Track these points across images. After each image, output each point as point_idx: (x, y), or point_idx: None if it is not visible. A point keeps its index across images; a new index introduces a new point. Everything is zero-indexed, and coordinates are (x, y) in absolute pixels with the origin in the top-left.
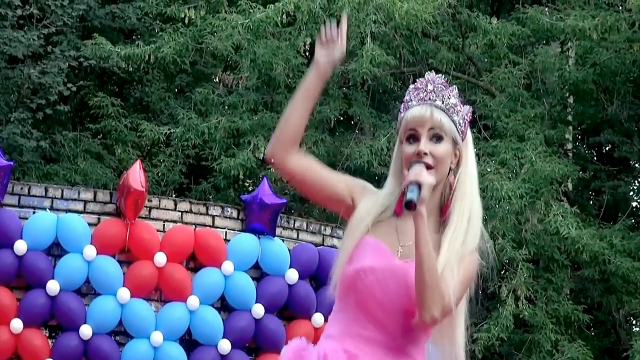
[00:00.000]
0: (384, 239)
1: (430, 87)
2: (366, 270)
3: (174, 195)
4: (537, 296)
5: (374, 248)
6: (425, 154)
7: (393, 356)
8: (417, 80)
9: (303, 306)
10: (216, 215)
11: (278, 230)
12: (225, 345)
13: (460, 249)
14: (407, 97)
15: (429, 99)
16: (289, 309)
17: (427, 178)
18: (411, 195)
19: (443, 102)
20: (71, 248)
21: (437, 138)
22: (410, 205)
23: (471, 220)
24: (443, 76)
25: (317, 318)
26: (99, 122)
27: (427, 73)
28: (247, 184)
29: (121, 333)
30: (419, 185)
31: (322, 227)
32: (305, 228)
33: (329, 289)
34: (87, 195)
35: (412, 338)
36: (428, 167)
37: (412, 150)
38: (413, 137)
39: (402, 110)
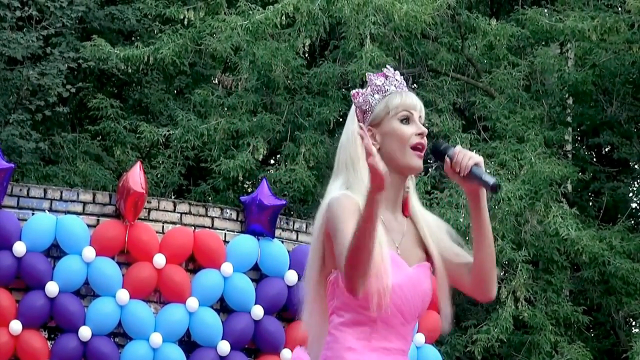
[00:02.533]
0: (389, 245)
1: (398, 78)
2: (395, 288)
3: (173, 197)
4: (537, 297)
5: (392, 262)
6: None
7: None
8: (384, 69)
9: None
10: (215, 217)
11: (277, 232)
12: (224, 347)
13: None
14: (378, 82)
15: (407, 90)
16: (289, 311)
17: (477, 156)
18: (491, 177)
19: None
20: (70, 249)
21: None
22: (499, 188)
23: None
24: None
25: None
26: (98, 124)
27: (386, 67)
28: (247, 186)
29: (120, 335)
30: (477, 165)
31: None
32: (304, 229)
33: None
34: (86, 196)
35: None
36: (423, 149)
37: (412, 131)
38: (407, 119)
39: (373, 95)
